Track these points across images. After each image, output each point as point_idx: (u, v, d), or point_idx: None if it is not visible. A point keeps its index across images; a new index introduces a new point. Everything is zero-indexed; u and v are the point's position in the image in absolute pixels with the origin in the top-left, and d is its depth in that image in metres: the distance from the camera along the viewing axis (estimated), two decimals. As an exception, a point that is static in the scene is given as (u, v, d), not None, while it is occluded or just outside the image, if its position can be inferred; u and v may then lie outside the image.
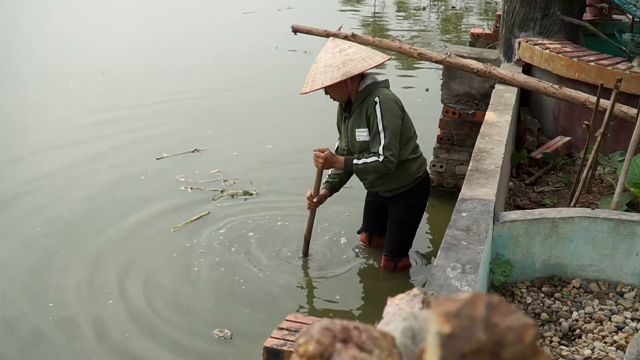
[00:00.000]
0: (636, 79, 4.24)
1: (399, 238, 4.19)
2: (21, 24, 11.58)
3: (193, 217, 4.94)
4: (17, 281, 4.19)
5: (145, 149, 6.14)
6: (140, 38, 10.55)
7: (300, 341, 0.77)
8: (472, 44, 6.56)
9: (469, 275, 2.35)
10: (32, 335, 3.69)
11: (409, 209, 4.08)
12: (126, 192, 5.36)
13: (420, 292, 0.98)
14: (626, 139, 3.53)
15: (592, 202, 3.76)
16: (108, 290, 4.08)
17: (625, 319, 2.67)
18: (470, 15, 14.14)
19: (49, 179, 5.57)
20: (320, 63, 3.77)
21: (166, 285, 4.19)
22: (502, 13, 5.49)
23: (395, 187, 3.98)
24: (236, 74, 8.66)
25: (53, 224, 4.85)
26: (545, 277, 2.95)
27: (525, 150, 4.59)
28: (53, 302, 3.98)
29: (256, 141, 6.40)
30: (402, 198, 4.02)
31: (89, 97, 7.72)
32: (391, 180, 3.93)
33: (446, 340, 0.65)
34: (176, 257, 4.47)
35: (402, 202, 4.04)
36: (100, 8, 13.02)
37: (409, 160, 3.93)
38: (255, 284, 4.19)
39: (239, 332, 3.74)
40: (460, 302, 0.67)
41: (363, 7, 14.25)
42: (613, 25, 6.12)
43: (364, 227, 4.50)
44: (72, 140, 6.39)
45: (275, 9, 12.98)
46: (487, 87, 4.93)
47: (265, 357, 2.23)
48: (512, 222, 2.87)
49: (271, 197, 5.31)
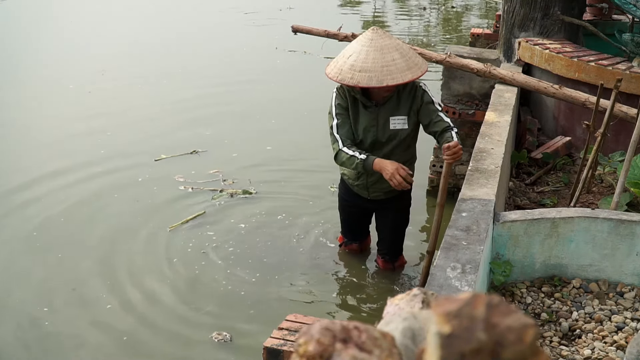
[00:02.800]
0: (636, 79, 4.24)
1: (398, 239, 4.20)
2: (22, 25, 11.58)
3: (190, 216, 4.94)
4: (12, 284, 4.18)
5: (144, 150, 6.13)
6: (139, 39, 10.54)
7: (300, 341, 0.77)
8: (472, 44, 6.56)
9: (469, 275, 2.35)
10: (27, 340, 3.67)
11: (405, 210, 4.09)
12: (124, 193, 5.36)
13: (420, 292, 0.98)
14: (626, 139, 3.53)
15: (592, 202, 3.76)
16: (104, 296, 4.07)
17: (625, 319, 2.67)
18: (470, 15, 14.14)
19: (46, 179, 5.57)
20: (392, 54, 3.55)
21: (164, 286, 4.18)
22: (502, 13, 5.49)
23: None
24: (236, 74, 8.65)
25: (49, 225, 4.85)
26: (545, 277, 2.95)
27: (525, 150, 4.59)
28: (48, 307, 3.96)
29: (256, 142, 6.39)
30: (398, 200, 3.99)
31: (89, 98, 7.72)
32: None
33: (446, 340, 0.65)
34: (173, 258, 4.47)
35: (399, 203, 4.02)
36: (100, 8, 13.02)
37: (414, 158, 3.95)
38: (254, 284, 4.19)
39: (239, 333, 3.73)
40: (460, 302, 0.67)
41: (363, 7, 14.25)
42: (613, 25, 6.12)
43: (351, 238, 4.40)
44: (70, 140, 6.39)
45: (276, 9, 12.98)
46: (487, 87, 4.93)
47: (265, 357, 2.23)
48: (512, 222, 2.87)
49: (270, 197, 5.31)
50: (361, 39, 3.63)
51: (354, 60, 3.54)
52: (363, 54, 3.53)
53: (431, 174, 5.35)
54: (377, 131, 3.72)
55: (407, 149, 3.84)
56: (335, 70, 3.59)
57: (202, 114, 7.16)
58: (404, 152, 3.81)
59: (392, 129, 3.72)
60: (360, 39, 3.64)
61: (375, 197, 3.95)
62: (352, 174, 3.91)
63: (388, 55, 3.53)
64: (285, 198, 5.29)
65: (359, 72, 3.50)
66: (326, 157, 4.61)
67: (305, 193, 5.35)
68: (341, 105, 3.74)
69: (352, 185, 4.00)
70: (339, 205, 4.27)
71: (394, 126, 3.72)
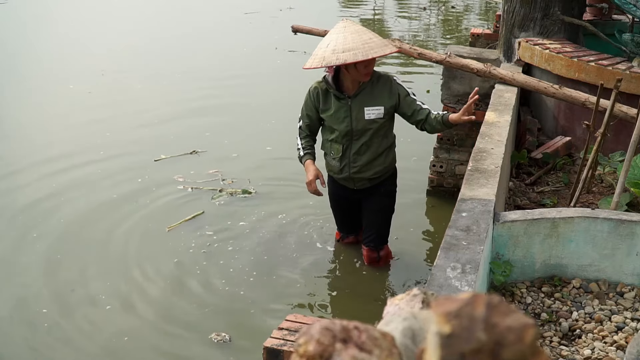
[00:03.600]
0: (636, 79, 4.24)
1: (384, 226, 4.24)
2: (22, 26, 11.58)
3: (189, 216, 4.94)
4: (11, 285, 4.17)
5: (144, 151, 6.13)
6: (140, 39, 10.55)
7: (300, 341, 0.77)
8: (472, 44, 6.55)
9: (469, 275, 2.35)
10: (26, 342, 3.66)
11: (389, 195, 4.17)
12: (123, 193, 5.35)
13: (420, 292, 0.98)
14: (626, 139, 3.53)
15: (592, 202, 3.76)
16: (102, 297, 4.06)
17: (625, 319, 2.67)
18: (470, 15, 14.14)
19: (46, 179, 5.57)
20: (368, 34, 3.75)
21: (163, 287, 4.17)
22: (502, 13, 5.49)
23: (379, 171, 4.01)
24: (236, 74, 8.66)
25: (48, 226, 4.84)
26: (545, 277, 2.95)
27: (525, 150, 4.59)
28: (47, 308, 3.95)
29: (256, 142, 6.38)
30: (383, 185, 4.09)
31: (89, 98, 7.72)
32: (381, 162, 3.98)
33: (446, 340, 0.65)
34: (173, 258, 4.46)
35: (383, 189, 4.10)
36: (100, 9, 13.02)
37: (394, 144, 4.09)
38: (253, 284, 4.19)
39: (238, 333, 3.73)
40: (460, 302, 0.67)
41: (363, 7, 14.25)
42: (613, 25, 6.12)
43: (346, 231, 4.49)
44: (70, 141, 6.39)
45: (276, 9, 12.98)
46: (487, 87, 4.93)
47: (265, 357, 2.23)
48: (512, 222, 2.87)
49: (270, 197, 5.31)
50: (334, 30, 3.79)
51: (334, 45, 3.67)
52: (341, 38, 3.68)
53: (431, 174, 5.35)
54: (351, 121, 3.87)
55: (385, 138, 3.98)
56: (317, 60, 3.71)
57: (202, 114, 7.15)
58: (382, 140, 3.95)
59: (367, 119, 3.87)
60: (334, 30, 3.80)
61: (361, 186, 4.07)
62: (336, 168, 4.04)
63: (364, 35, 3.72)
64: (285, 198, 5.29)
65: (342, 53, 3.63)
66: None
67: (305, 193, 5.33)
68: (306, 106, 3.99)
69: (338, 179, 4.11)
70: (330, 201, 4.37)
71: (369, 116, 3.88)
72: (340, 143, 3.94)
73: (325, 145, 4.09)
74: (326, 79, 3.92)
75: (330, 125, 3.95)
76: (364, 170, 3.98)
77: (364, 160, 3.96)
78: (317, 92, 3.95)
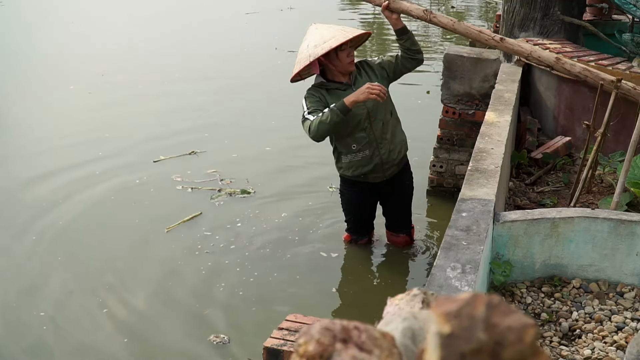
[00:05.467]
0: (636, 79, 4.24)
1: (409, 211, 4.47)
2: (22, 26, 11.58)
3: (188, 217, 4.94)
4: (10, 288, 4.16)
5: (143, 151, 6.12)
6: (140, 39, 10.54)
7: (300, 341, 0.77)
8: (472, 44, 6.55)
9: (469, 275, 2.35)
10: (24, 345, 3.66)
11: (411, 181, 4.39)
12: (122, 194, 5.35)
13: (420, 292, 0.98)
14: (626, 139, 3.53)
15: (592, 202, 3.76)
16: (100, 300, 4.05)
17: (625, 319, 2.67)
18: (470, 15, 14.14)
19: (45, 180, 5.57)
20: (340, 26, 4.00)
21: (162, 288, 4.16)
22: (502, 13, 5.49)
23: (402, 151, 4.16)
24: (236, 74, 8.65)
25: (46, 227, 4.84)
26: (545, 277, 2.95)
27: (525, 150, 4.59)
28: (45, 310, 3.94)
29: (255, 142, 6.38)
30: (406, 172, 4.28)
31: (88, 99, 7.72)
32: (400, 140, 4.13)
33: (446, 340, 0.65)
34: (171, 259, 4.46)
35: (406, 176, 4.31)
36: (100, 9, 13.02)
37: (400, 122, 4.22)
38: (253, 284, 4.19)
39: (238, 333, 3.73)
40: (460, 302, 0.67)
41: (363, 7, 14.25)
42: (613, 25, 6.12)
43: (361, 233, 4.49)
44: (69, 142, 6.38)
45: (276, 9, 12.98)
46: (487, 87, 4.93)
47: (265, 357, 2.23)
48: (512, 222, 2.87)
49: (269, 197, 5.31)
50: (308, 33, 3.95)
51: (314, 42, 3.83)
52: (318, 35, 3.86)
53: (431, 174, 5.35)
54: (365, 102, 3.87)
55: (393, 115, 4.10)
56: (303, 60, 3.87)
57: (202, 114, 7.15)
58: (392, 117, 4.08)
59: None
60: (308, 34, 3.95)
61: (390, 174, 4.15)
62: (365, 160, 4.04)
63: (337, 26, 3.97)
64: (284, 198, 5.28)
65: (323, 44, 3.79)
66: (325, 156, 4.61)
67: (304, 193, 5.35)
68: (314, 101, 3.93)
69: (365, 175, 4.10)
70: (346, 206, 4.37)
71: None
72: (362, 129, 3.97)
73: (343, 144, 4.05)
74: (321, 80, 3.97)
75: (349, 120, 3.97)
76: (392, 150, 4.08)
77: (389, 137, 4.05)
78: (319, 92, 3.95)
